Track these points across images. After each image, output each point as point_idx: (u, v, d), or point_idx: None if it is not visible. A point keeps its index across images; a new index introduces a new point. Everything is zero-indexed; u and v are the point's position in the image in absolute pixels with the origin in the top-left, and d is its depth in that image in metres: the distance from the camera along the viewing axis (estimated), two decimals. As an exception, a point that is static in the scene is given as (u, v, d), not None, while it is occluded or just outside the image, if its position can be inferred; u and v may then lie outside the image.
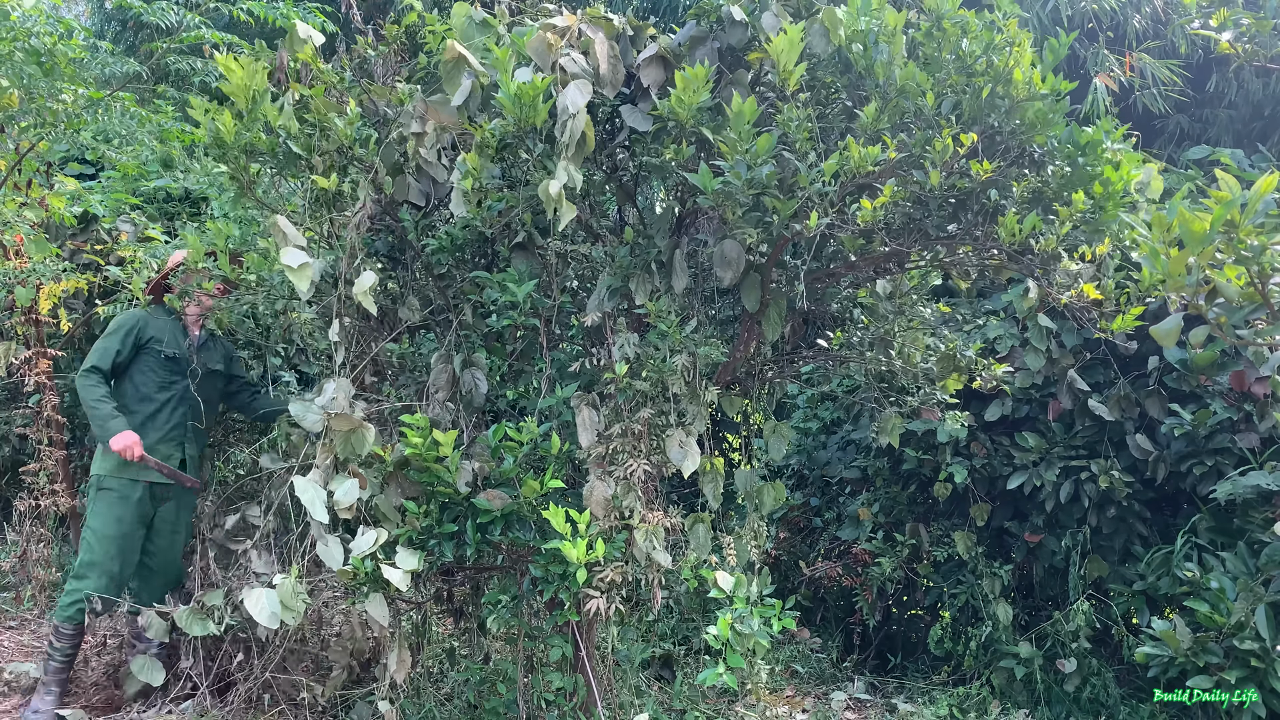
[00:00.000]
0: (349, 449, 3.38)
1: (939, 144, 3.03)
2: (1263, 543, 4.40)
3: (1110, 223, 3.16)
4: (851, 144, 2.99)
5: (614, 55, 3.29)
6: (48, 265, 5.15)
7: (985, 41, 3.12)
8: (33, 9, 4.81)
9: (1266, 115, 7.30)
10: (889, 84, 3.14)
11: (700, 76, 3.05)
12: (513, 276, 3.61)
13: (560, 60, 3.18)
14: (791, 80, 3.09)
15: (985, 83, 3.13)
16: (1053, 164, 3.23)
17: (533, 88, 3.07)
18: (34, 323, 5.35)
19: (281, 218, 3.39)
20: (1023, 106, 3.16)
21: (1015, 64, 3.11)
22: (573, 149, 3.10)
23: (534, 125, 3.16)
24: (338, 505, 3.33)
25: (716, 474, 3.84)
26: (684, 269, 3.55)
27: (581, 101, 3.08)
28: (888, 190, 3.02)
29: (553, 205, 3.08)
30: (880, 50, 3.11)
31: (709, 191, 3.08)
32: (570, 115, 3.07)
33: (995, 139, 3.26)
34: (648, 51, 3.34)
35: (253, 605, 3.35)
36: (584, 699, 3.94)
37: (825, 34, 3.18)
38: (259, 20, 5.70)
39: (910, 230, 3.47)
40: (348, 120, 3.57)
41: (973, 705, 4.97)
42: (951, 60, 3.16)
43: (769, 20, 3.26)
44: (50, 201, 5.33)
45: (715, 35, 3.39)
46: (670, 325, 3.46)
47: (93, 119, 5.20)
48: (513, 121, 3.15)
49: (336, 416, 3.37)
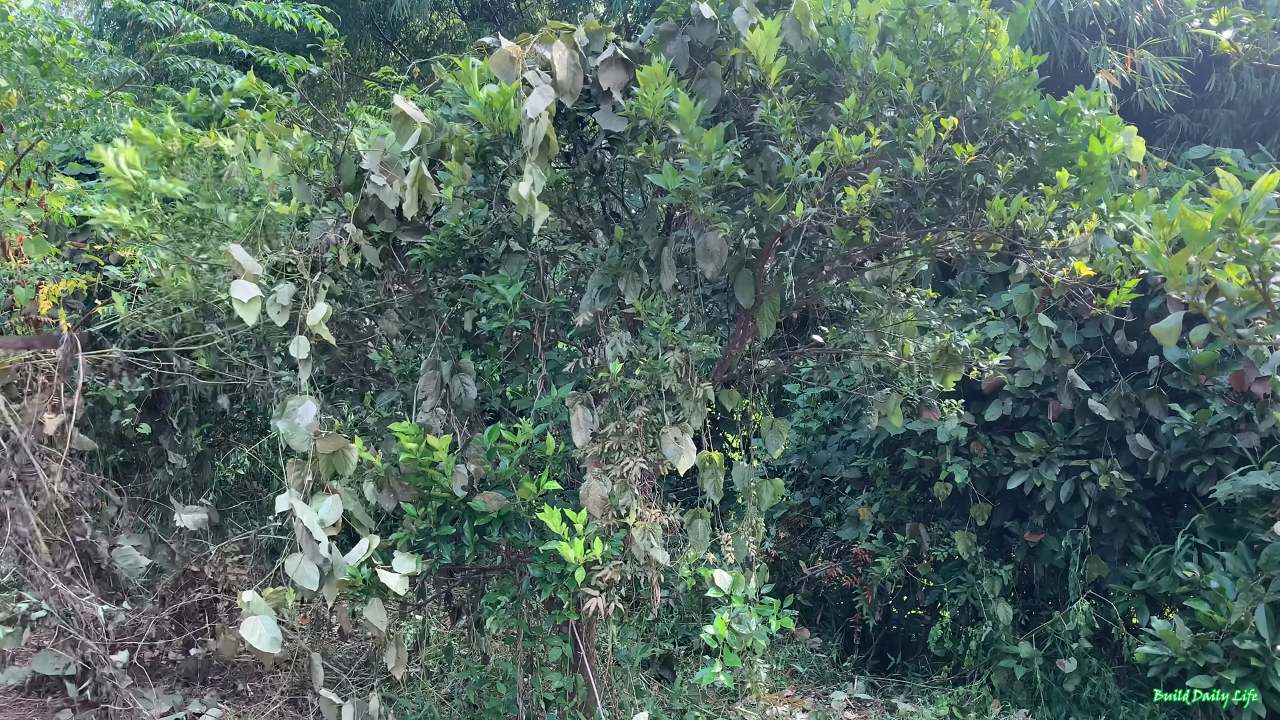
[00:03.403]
0: (330, 470, 3.41)
1: (921, 130, 3.03)
2: (1263, 543, 4.40)
3: (1097, 198, 3.15)
4: (835, 134, 2.99)
5: (574, 64, 3.37)
6: (47, 265, 5.15)
7: (960, 24, 3.12)
8: (31, 9, 4.81)
9: (1266, 115, 7.29)
10: (867, 74, 3.14)
11: (660, 74, 3.08)
12: (504, 279, 3.62)
13: (526, 75, 3.28)
14: (773, 74, 3.10)
15: (963, 66, 3.13)
16: (1033, 139, 3.23)
17: (501, 94, 3.18)
18: (34, 323, 5.34)
19: (236, 246, 3.42)
20: (1002, 87, 3.16)
21: (992, 45, 3.11)
22: (536, 152, 3.19)
23: (509, 131, 3.25)
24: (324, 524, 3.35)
25: (716, 469, 3.83)
26: (672, 266, 3.56)
27: (541, 106, 3.17)
28: (873, 178, 3.03)
29: (525, 208, 3.15)
30: (855, 41, 3.12)
31: (671, 188, 3.10)
32: (531, 120, 3.16)
33: (976, 121, 3.25)
34: (603, 56, 3.40)
35: (250, 633, 3.33)
36: (583, 699, 3.94)
37: (798, 27, 3.21)
38: (258, 20, 5.70)
39: (898, 218, 3.47)
40: (296, 144, 3.59)
41: (973, 705, 4.96)
42: (928, 46, 3.16)
43: (739, 16, 3.29)
44: (50, 201, 5.33)
45: (685, 30, 3.43)
46: (662, 323, 3.46)
47: (92, 119, 5.19)
48: (488, 129, 3.27)
49: (320, 438, 3.38)
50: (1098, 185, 3.15)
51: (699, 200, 3.16)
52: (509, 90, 3.19)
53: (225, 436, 6.41)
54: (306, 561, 3.33)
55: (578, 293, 4.02)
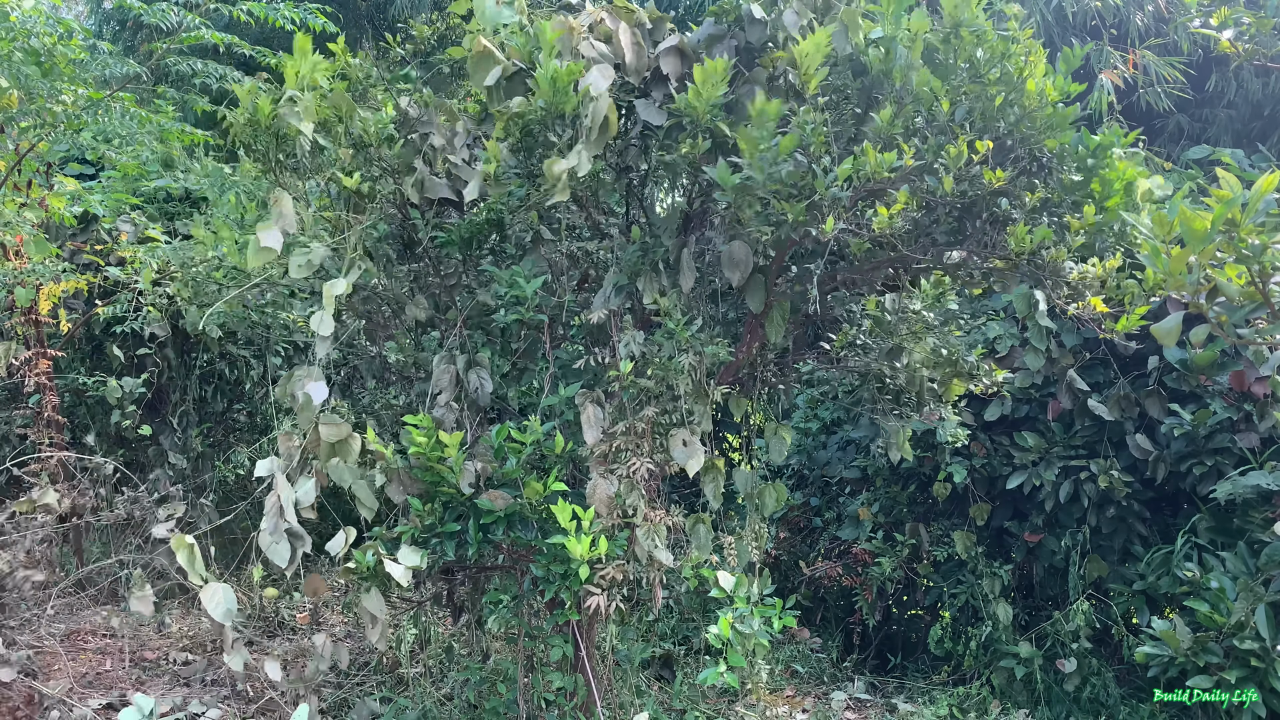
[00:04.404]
0: (330, 458, 3.41)
1: (953, 150, 3.02)
2: (1263, 543, 4.40)
3: (1113, 222, 3.15)
4: (869, 149, 2.98)
5: (637, 43, 3.30)
6: (48, 265, 5.14)
7: (1000, 50, 3.11)
8: (32, 10, 4.81)
9: (1266, 115, 7.29)
10: (905, 89, 3.13)
11: (719, 70, 3.05)
12: (521, 272, 3.61)
13: (579, 46, 3.19)
14: (812, 83, 3.09)
15: (999, 91, 3.12)
16: (1062, 170, 3.23)
17: (568, 72, 3.08)
18: (34, 323, 5.35)
19: (285, 194, 3.39)
20: (1034, 115, 3.15)
21: (1029, 74, 3.11)
22: (594, 133, 3.10)
23: (562, 112, 3.17)
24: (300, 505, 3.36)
25: (718, 473, 3.84)
26: (691, 268, 3.55)
27: (604, 84, 3.09)
28: (902, 196, 3.01)
29: (556, 185, 3.08)
30: (899, 55, 3.10)
31: (728, 187, 3.07)
32: (593, 98, 3.07)
33: (1006, 145, 3.26)
34: (668, 42, 3.36)
35: (209, 600, 3.37)
36: (584, 699, 3.94)
37: (845, 34, 3.18)
38: (259, 21, 5.69)
39: (918, 237, 3.46)
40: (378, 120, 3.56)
41: (973, 705, 4.97)
42: (966, 68, 3.16)
43: (790, 18, 3.25)
44: (50, 202, 5.33)
45: (733, 33, 3.40)
46: (677, 324, 3.47)
47: (93, 119, 5.19)
48: (542, 105, 3.15)
49: (325, 426, 3.38)
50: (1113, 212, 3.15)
51: (756, 201, 3.12)
52: (576, 68, 3.09)
53: (225, 436, 6.42)
54: (281, 538, 3.34)
55: (588, 292, 4.02)
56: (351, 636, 5.68)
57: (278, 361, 5.86)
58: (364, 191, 3.64)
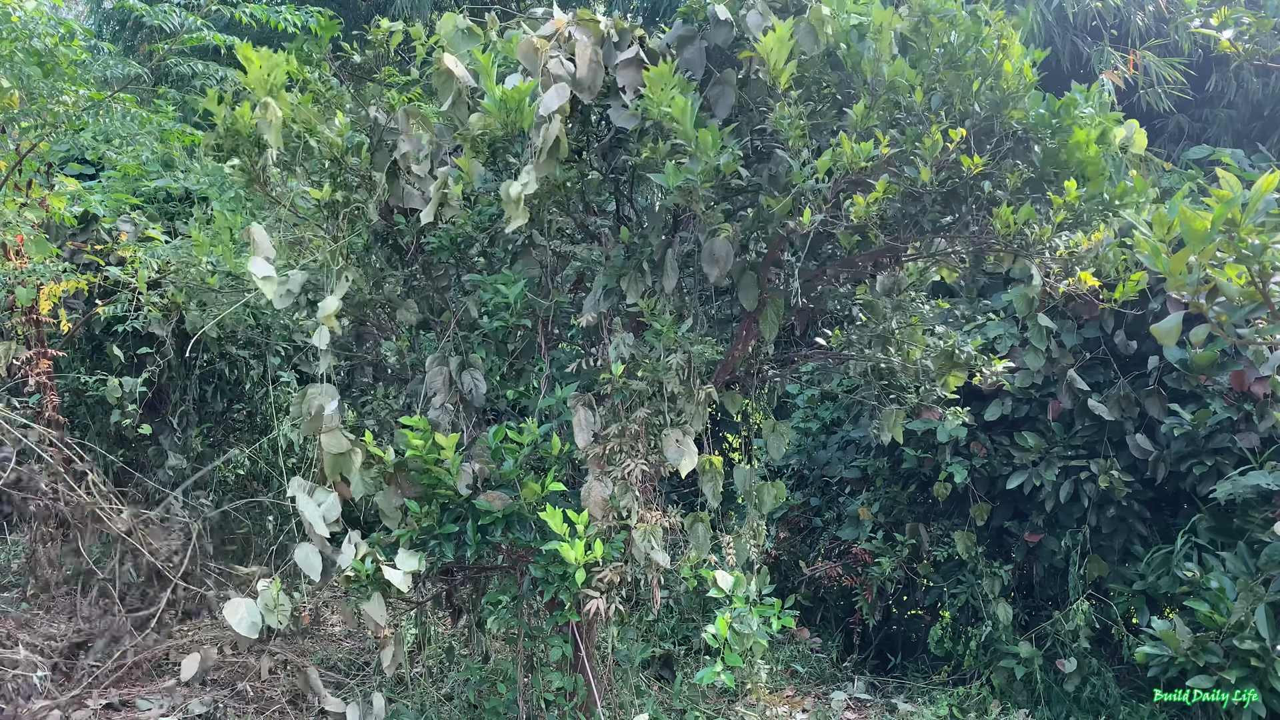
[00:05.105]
0: (336, 471, 3.44)
1: (928, 140, 3.03)
2: (1263, 543, 4.40)
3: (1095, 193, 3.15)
4: (844, 140, 2.99)
5: (595, 60, 3.33)
6: (48, 265, 5.15)
7: (973, 34, 3.12)
8: (34, 10, 4.81)
9: (1266, 115, 7.29)
10: (877, 81, 3.14)
11: (666, 74, 3.07)
12: (506, 278, 3.62)
13: (549, 64, 3.22)
14: (782, 78, 3.10)
15: (974, 76, 3.13)
16: (1037, 141, 3.23)
17: (518, 92, 3.14)
18: (34, 323, 5.35)
19: (256, 226, 3.45)
20: (1013, 96, 3.16)
21: (1004, 57, 3.12)
22: (544, 155, 3.15)
23: (521, 129, 3.22)
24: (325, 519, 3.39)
25: (716, 472, 3.84)
26: (675, 268, 3.56)
27: (555, 105, 3.13)
28: (880, 185, 3.03)
29: (510, 209, 3.13)
30: (867, 46, 3.11)
31: (671, 186, 3.10)
32: (544, 120, 3.12)
33: (991, 128, 3.26)
34: (625, 54, 3.38)
35: (232, 615, 3.39)
36: (584, 699, 3.94)
37: (813, 32, 3.19)
38: (260, 23, 5.69)
39: (905, 225, 3.47)
40: (337, 130, 3.57)
41: (973, 705, 4.97)
42: (940, 55, 3.17)
43: (753, 19, 3.27)
44: (50, 201, 5.33)
45: (704, 33, 3.40)
46: (665, 324, 3.47)
47: (93, 120, 5.19)
48: (499, 125, 3.23)
49: (328, 438, 3.40)
50: (1095, 181, 3.15)
51: (700, 199, 3.16)
52: (525, 89, 3.15)
53: (225, 436, 6.42)
54: (312, 551, 3.38)
55: (584, 293, 4.03)
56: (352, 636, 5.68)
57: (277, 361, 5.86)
58: (340, 200, 3.67)
